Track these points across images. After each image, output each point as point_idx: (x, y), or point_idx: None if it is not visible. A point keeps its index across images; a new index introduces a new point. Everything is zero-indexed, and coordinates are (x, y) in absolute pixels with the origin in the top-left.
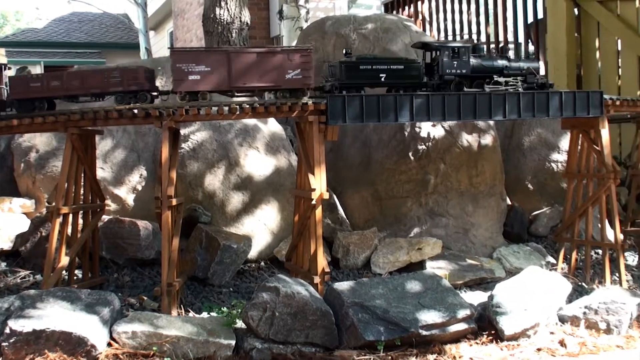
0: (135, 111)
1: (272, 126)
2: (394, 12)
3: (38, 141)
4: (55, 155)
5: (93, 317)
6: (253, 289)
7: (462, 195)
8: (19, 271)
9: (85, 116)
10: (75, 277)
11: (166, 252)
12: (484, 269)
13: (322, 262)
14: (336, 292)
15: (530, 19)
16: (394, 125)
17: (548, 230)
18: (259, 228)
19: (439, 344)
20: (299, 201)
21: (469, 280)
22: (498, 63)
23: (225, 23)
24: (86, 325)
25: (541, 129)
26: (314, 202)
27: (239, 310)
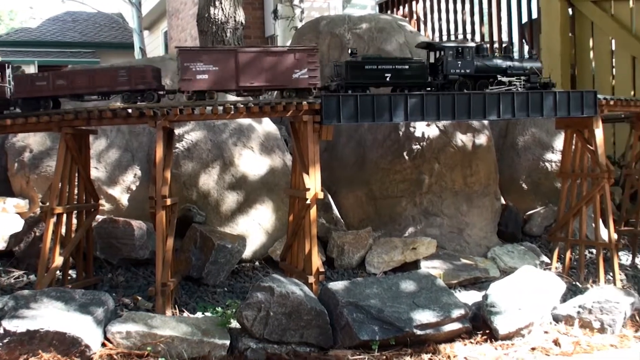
0: (129, 111)
1: (266, 126)
2: (388, 12)
3: (32, 141)
4: (49, 155)
5: (87, 317)
6: (247, 288)
7: (457, 194)
8: (13, 271)
9: (79, 116)
10: (69, 277)
11: (160, 252)
12: (478, 268)
13: (316, 261)
14: (331, 292)
15: (525, 19)
16: (389, 125)
17: (542, 230)
18: (254, 228)
19: (433, 344)
20: (293, 201)
21: (464, 280)
22: (502, 63)
23: (219, 22)
24: (80, 326)
25: (535, 129)
26: (308, 201)
27: (233, 310)
